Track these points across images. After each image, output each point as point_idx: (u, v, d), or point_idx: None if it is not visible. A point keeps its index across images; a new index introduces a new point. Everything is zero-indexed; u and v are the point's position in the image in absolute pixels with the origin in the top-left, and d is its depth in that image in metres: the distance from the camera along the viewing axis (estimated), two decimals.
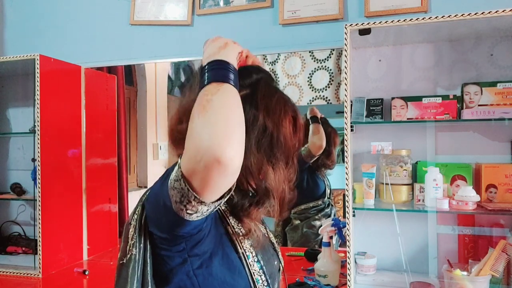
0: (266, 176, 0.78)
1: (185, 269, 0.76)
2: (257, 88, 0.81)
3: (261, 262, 0.81)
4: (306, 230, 2.10)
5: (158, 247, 0.77)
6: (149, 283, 0.76)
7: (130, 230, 0.78)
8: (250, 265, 0.79)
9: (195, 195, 0.64)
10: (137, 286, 0.76)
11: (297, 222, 2.12)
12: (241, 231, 0.80)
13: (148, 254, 0.77)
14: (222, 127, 0.63)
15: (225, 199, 0.69)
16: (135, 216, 0.78)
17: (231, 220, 0.80)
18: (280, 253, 0.95)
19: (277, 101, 0.81)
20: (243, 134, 0.66)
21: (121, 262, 0.78)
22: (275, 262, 0.89)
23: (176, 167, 0.66)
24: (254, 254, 0.81)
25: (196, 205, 0.65)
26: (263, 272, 0.80)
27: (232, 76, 0.72)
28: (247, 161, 0.75)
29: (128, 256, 0.76)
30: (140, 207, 0.79)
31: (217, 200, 0.67)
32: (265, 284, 0.80)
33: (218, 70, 0.72)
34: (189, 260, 0.75)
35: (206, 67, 0.73)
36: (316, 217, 2.10)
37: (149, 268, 0.77)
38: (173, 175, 0.66)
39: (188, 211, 0.66)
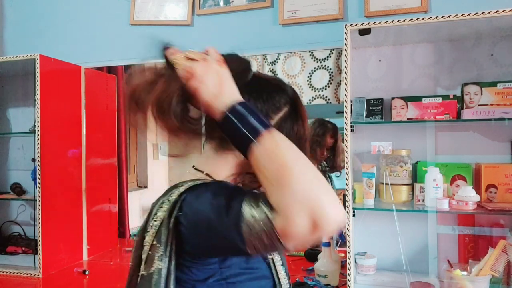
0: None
1: (213, 280, 0.74)
2: (296, 102, 0.82)
3: (285, 265, 0.83)
4: None
5: (187, 260, 0.73)
6: None
7: (147, 238, 0.73)
8: (278, 271, 0.80)
9: (284, 245, 0.60)
10: None
11: None
12: None
13: (173, 266, 0.73)
14: (327, 190, 0.59)
15: None
16: (155, 223, 0.73)
17: None
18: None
19: (305, 109, 0.83)
20: None
21: (142, 273, 0.74)
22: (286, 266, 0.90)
23: (264, 221, 0.60)
24: (279, 258, 0.82)
25: (278, 248, 0.62)
26: (287, 275, 0.82)
27: (261, 117, 0.65)
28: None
29: (152, 269, 0.72)
30: (165, 216, 0.71)
31: None
32: (287, 287, 0.82)
33: (249, 118, 0.64)
34: (219, 271, 0.73)
35: (233, 120, 0.65)
36: None
37: (173, 279, 0.73)
38: (253, 224, 0.60)
39: (259, 252, 0.63)
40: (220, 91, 0.67)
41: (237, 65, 0.74)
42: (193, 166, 0.82)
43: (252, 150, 0.63)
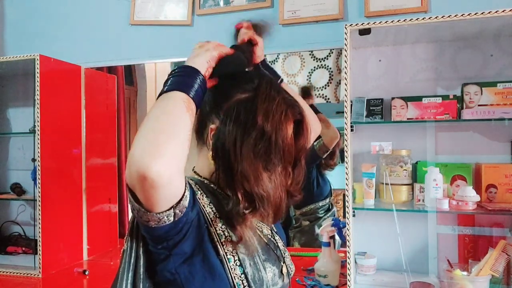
0: (261, 183, 0.77)
1: (168, 266, 0.77)
2: (258, 92, 0.80)
3: (244, 266, 0.79)
4: (318, 232, 2.08)
5: (147, 243, 0.79)
6: (141, 276, 0.78)
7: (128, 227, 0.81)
8: (231, 268, 0.78)
9: (140, 207, 0.66)
10: (129, 276, 0.78)
11: (306, 223, 2.10)
12: (224, 234, 0.79)
13: (141, 250, 0.79)
14: (151, 140, 0.63)
15: (179, 207, 0.69)
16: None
17: (215, 222, 0.79)
18: (288, 258, 0.94)
19: (278, 104, 0.80)
20: (179, 145, 0.66)
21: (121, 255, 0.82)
22: (275, 267, 0.87)
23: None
24: (236, 258, 0.79)
25: (148, 216, 0.67)
26: (245, 277, 0.78)
27: (190, 82, 0.73)
28: (242, 167, 0.75)
29: (123, 249, 0.80)
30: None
31: (169, 209, 0.67)
32: None
33: (177, 77, 0.74)
34: (171, 257, 0.76)
35: (171, 72, 0.75)
36: (325, 217, 2.09)
37: (142, 262, 0.78)
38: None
39: (144, 220, 0.68)
40: (188, 58, 0.80)
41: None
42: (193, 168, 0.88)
43: None
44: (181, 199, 0.69)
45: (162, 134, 0.64)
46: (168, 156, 0.63)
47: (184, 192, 0.69)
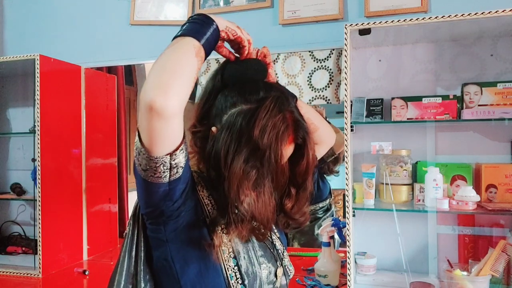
0: (244, 202, 0.75)
1: (164, 253, 0.79)
2: (261, 105, 0.77)
3: (238, 258, 0.80)
4: (318, 232, 2.08)
5: (147, 228, 0.81)
6: (141, 259, 0.82)
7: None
8: (225, 260, 0.79)
9: (141, 147, 0.70)
10: (132, 257, 0.82)
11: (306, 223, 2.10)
12: (220, 225, 0.79)
13: (142, 234, 0.82)
14: (159, 76, 0.69)
15: (175, 159, 0.71)
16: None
17: (213, 214, 0.81)
18: (286, 260, 0.94)
19: (279, 121, 0.76)
20: (183, 85, 0.70)
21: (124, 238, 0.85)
22: (271, 264, 0.87)
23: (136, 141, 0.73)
24: (230, 250, 0.80)
25: (147, 160, 0.70)
26: (238, 269, 0.79)
27: (203, 30, 0.77)
28: (229, 180, 0.75)
29: (125, 233, 0.84)
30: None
31: (166, 155, 0.70)
32: (239, 281, 0.79)
33: (193, 24, 0.78)
34: (167, 245, 0.78)
35: (188, 19, 0.80)
36: (324, 217, 2.09)
37: (142, 246, 0.82)
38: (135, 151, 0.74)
39: (142, 168, 0.72)
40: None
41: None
42: None
43: None
44: (177, 149, 0.71)
45: (169, 72, 0.69)
46: (171, 93, 0.67)
47: (181, 145, 0.71)
